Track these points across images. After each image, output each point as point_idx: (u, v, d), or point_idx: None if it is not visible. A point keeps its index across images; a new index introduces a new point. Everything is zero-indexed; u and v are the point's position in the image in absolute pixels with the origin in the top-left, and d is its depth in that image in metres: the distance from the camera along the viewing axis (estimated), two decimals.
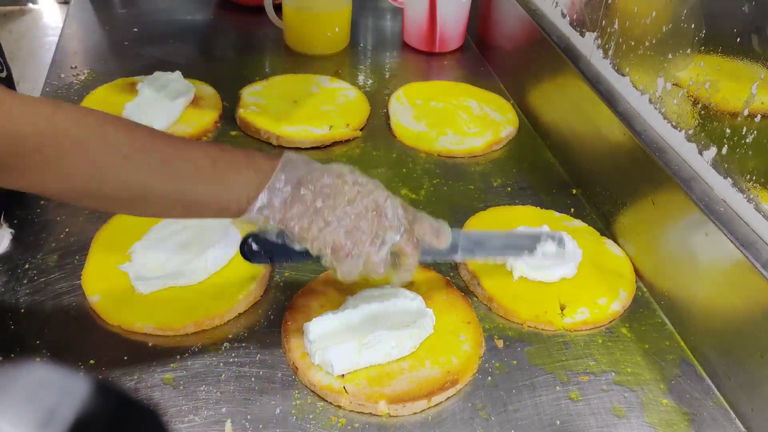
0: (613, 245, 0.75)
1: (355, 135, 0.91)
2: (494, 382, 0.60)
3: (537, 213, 0.78)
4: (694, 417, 0.58)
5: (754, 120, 0.58)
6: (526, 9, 1.01)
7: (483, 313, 0.66)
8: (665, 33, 0.70)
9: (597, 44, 0.84)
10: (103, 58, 1.04)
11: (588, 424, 0.57)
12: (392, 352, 0.58)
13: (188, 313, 0.61)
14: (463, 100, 0.99)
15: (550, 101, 0.94)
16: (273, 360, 0.60)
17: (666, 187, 0.68)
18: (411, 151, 0.90)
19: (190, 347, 0.60)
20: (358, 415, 0.56)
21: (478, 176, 0.86)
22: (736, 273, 0.58)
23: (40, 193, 0.51)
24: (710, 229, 0.61)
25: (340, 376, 0.57)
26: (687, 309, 0.65)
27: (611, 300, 0.67)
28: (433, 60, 1.15)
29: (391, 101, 0.98)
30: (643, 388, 0.60)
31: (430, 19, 1.12)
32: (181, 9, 1.24)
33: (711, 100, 0.63)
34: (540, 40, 0.95)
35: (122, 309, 0.61)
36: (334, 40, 1.12)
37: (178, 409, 0.55)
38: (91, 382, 0.56)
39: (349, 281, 0.54)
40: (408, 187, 0.83)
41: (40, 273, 0.66)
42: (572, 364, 0.62)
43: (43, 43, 2.78)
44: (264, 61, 1.09)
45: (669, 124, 0.70)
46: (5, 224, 0.71)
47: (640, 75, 0.75)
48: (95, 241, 0.68)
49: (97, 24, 1.16)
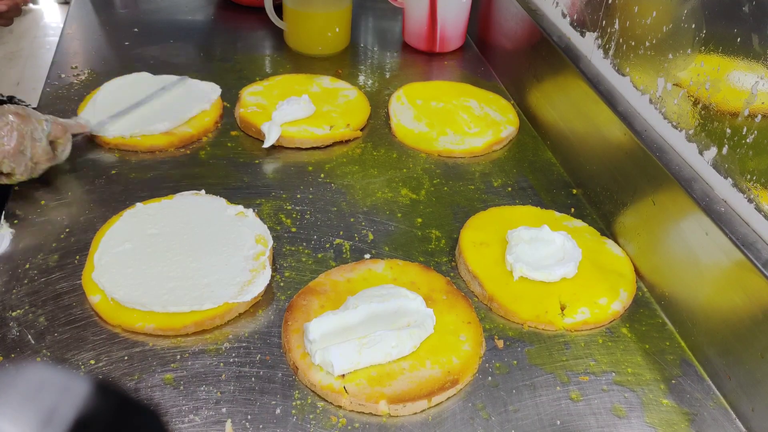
0: (613, 245, 0.75)
1: (356, 135, 0.91)
2: (495, 382, 0.60)
3: (537, 213, 0.78)
4: (694, 417, 0.58)
5: (754, 120, 0.58)
6: (527, 9, 1.01)
7: (483, 313, 0.66)
8: (665, 33, 0.70)
9: (597, 44, 0.84)
10: (103, 58, 1.04)
11: (588, 424, 0.57)
12: (392, 352, 0.58)
13: (188, 313, 0.61)
14: (463, 100, 0.99)
15: (550, 101, 0.94)
16: (273, 360, 0.60)
17: (666, 187, 0.68)
18: (411, 151, 0.90)
19: (190, 347, 0.60)
20: (359, 415, 0.56)
21: (478, 176, 0.86)
22: (736, 273, 0.58)
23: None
24: (711, 229, 0.61)
25: (340, 376, 0.57)
26: (687, 309, 0.65)
27: (612, 300, 0.67)
28: (433, 60, 1.15)
29: (392, 101, 0.98)
30: (643, 388, 0.60)
31: (430, 19, 1.12)
32: (181, 9, 1.24)
33: (711, 100, 0.63)
34: (540, 40, 0.95)
35: (122, 309, 0.61)
36: (334, 40, 1.12)
37: (179, 409, 0.55)
38: (91, 382, 0.56)
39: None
40: (408, 187, 0.83)
41: (41, 273, 0.66)
42: (572, 364, 0.62)
43: (43, 43, 2.79)
44: (264, 61, 1.09)
45: (669, 124, 0.70)
46: (5, 224, 0.71)
47: (641, 75, 0.75)
48: (95, 241, 0.68)
49: (98, 24, 1.16)
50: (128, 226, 0.70)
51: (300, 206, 0.78)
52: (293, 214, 0.77)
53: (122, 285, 0.63)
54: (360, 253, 0.72)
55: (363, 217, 0.77)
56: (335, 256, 0.71)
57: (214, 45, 1.13)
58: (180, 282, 0.64)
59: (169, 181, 0.80)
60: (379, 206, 0.79)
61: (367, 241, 0.74)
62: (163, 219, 0.71)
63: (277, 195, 0.80)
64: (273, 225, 0.75)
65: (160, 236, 0.69)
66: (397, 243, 0.74)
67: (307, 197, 0.80)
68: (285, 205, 0.78)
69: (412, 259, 0.71)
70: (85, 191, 0.77)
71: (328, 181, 0.83)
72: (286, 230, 0.74)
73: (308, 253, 0.71)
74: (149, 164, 0.82)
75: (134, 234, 0.69)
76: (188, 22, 1.20)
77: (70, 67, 1.01)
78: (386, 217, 0.78)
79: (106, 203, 0.75)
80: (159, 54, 1.07)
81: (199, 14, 1.23)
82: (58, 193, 0.76)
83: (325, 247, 0.72)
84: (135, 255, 0.66)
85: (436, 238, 0.75)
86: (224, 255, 0.67)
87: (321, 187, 0.82)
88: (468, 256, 0.70)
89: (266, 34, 1.17)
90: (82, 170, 0.80)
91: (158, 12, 1.22)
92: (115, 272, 0.64)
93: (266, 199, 0.79)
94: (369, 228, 0.76)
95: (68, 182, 0.78)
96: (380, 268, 0.68)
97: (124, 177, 0.80)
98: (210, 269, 0.66)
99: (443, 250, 0.74)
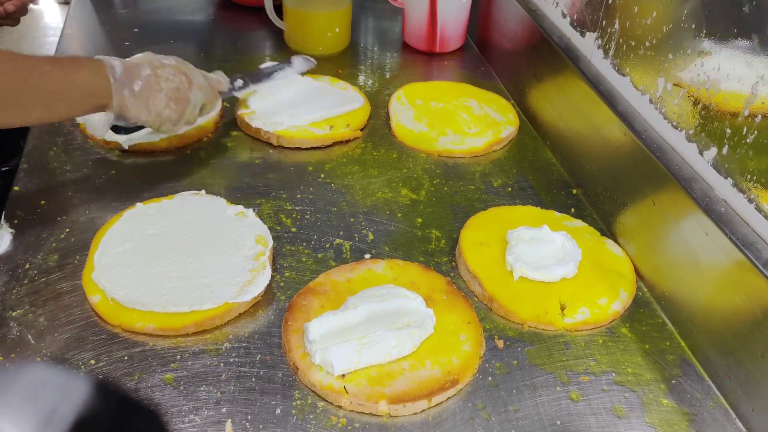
0: (613, 245, 0.75)
1: (356, 135, 0.91)
2: (495, 382, 0.60)
3: (537, 213, 0.78)
4: (694, 417, 0.58)
5: (754, 120, 0.58)
6: (527, 9, 1.01)
7: (483, 313, 0.66)
8: (665, 33, 0.70)
9: (597, 44, 0.84)
10: None
11: (588, 424, 0.57)
12: (392, 352, 0.58)
13: (188, 313, 0.61)
14: (463, 100, 0.99)
15: (550, 101, 0.94)
16: (273, 360, 0.60)
17: (666, 187, 0.68)
18: (411, 151, 0.90)
19: (190, 347, 0.60)
20: (359, 415, 0.56)
21: (478, 176, 0.86)
22: (736, 273, 0.58)
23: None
24: (711, 229, 0.61)
25: (340, 376, 0.57)
26: (687, 309, 0.65)
27: (612, 300, 0.67)
28: (433, 60, 1.15)
29: (392, 101, 0.98)
30: (643, 388, 0.60)
31: (430, 19, 1.12)
32: (181, 9, 1.24)
33: (711, 100, 0.63)
34: (540, 40, 0.95)
35: (122, 309, 0.61)
36: (334, 40, 1.12)
37: (179, 409, 0.55)
38: (91, 382, 0.56)
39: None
40: (408, 187, 0.83)
41: (41, 273, 0.66)
42: (573, 364, 0.62)
43: (43, 43, 2.78)
44: (264, 61, 1.09)
45: (669, 124, 0.70)
46: (5, 224, 0.71)
47: (641, 75, 0.75)
48: (95, 241, 0.68)
49: (98, 24, 1.16)
50: (128, 226, 0.70)
51: (300, 206, 0.78)
52: (293, 214, 0.77)
53: (122, 285, 0.63)
54: (360, 253, 0.72)
55: (363, 217, 0.77)
56: (335, 256, 0.71)
57: (214, 45, 1.13)
58: (180, 282, 0.64)
59: (169, 181, 0.80)
60: (379, 206, 0.79)
61: (367, 241, 0.74)
62: (163, 219, 0.71)
63: (277, 195, 0.80)
64: (273, 225, 0.75)
65: (160, 236, 0.69)
66: (397, 243, 0.74)
67: (307, 197, 0.80)
68: (285, 205, 0.78)
69: (412, 259, 0.71)
70: (85, 191, 0.77)
71: (328, 181, 0.83)
72: (286, 230, 0.74)
73: (308, 253, 0.71)
74: (149, 164, 0.82)
75: (134, 234, 0.69)
76: (188, 22, 1.20)
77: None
78: (386, 217, 0.78)
79: (106, 203, 0.75)
80: (159, 54, 1.06)
81: (199, 14, 1.23)
82: (58, 193, 0.76)
83: (325, 247, 0.72)
84: (135, 255, 0.66)
85: (436, 238, 0.75)
86: (224, 255, 0.67)
87: (321, 187, 0.82)
88: (468, 256, 0.70)
89: (266, 34, 1.17)
90: (82, 170, 0.80)
91: (158, 12, 1.22)
92: (115, 272, 0.64)
93: (266, 199, 0.79)
94: (369, 228, 0.76)
95: (68, 182, 0.78)
96: (380, 268, 0.68)
97: (124, 177, 0.80)
98: (210, 269, 0.66)
99: (443, 250, 0.74)
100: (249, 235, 0.70)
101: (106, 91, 0.68)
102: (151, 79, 0.71)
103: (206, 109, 0.79)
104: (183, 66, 0.76)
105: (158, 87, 0.72)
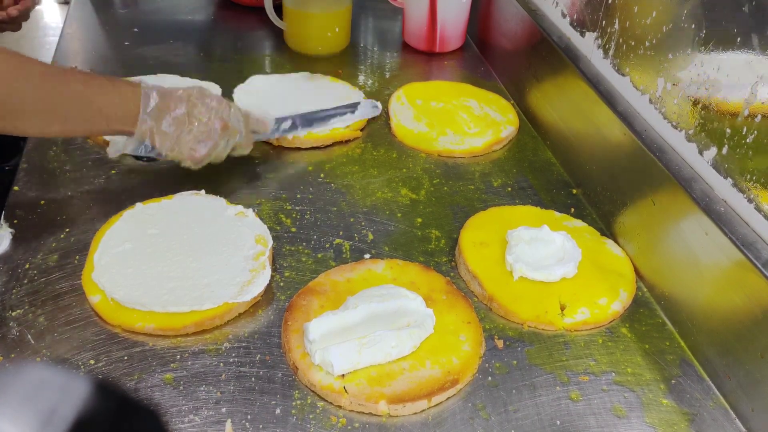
0: (613, 245, 0.75)
1: (355, 135, 0.91)
2: (494, 382, 0.60)
3: (537, 213, 0.78)
4: (694, 417, 0.58)
5: (754, 120, 0.58)
6: (526, 9, 1.01)
7: (483, 313, 0.66)
8: (665, 33, 0.70)
9: (597, 44, 0.84)
10: (103, 59, 1.04)
11: (588, 424, 0.57)
12: (392, 352, 0.58)
13: (188, 313, 0.61)
14: (463, 100, 0.99)
15: (550, 101, 0.94)
16: (273, 360, 0.60)
17: (666, 187, 0.68)
18: (411, 151, 0.90)
19: (190, 347, 0.60)
20: (359, 415, 0.56)
21: (478, 176, 0.86)
22: (736, 273, 0.58)
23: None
24: (710, 229, 0.61)
25: (340, 376, 0.57)
26: (687, 309, 0.65)
27: (611, 300, 0.67)
28: (433, 60, 1.15)
29: (392, 101, 0.98)
30: (643, 388, 0.60)
31: (430, 19, 1.12)
32: (181, 9, 1.24)
33: (711, 100, 0.63)
34: (540, 40, 0.95)
35: (122, 309, 0.61)
36: (334, 40, 1.12)
37: (179, 409, 0.55)
38: (91, 382, 0.56)
39: None
40: (408, 187, 0.83)
41: (41, 273, 0.66)
42: (572, 364, 0.62)
43: (43, 43, 2.78)
44: (264, 61, 1.09)
45: (669, 124, 0.70)
46: (5, 224, 0.71)
47: (641, 75, 0.75)
48: (95, 241, 0.68)
49: (98, 24, 1.16)
50: (128, 226, 0.70)
51: (300, 206, 0.78)
52: (293, 214, 0.77)
53: (122, 285, 0.63)
54: (360, 253, 0.72)
55: (363, 217, 0.77)
56: (335, 256, 0.71)
57: (214, 45, 1.13)
58: (180, 282, 0.64)
59: (169, 181, 0.79)
60: (379, 206, 0.79)
61: (367, 241, 0.74)
62: (163, 219, 0.71)
63: (277, 195, 0.80)
64: (273, 225, 0.75)
65: (160, 236, 0.69)
66: (397, 243, 0.74)
67: (307, 197, 0.80)
68: (285, 205, 0.78)
69: (411, 259, 0.71)
70: (85, 191, 0.77)
71: (328, 181, 0.83)
72: (286, 230, 0.74)
73: (308, 253, 0.71)
74: (149, 164, 0.82)
75: (134, 234, 0.69)
76: (188, 22, 1.20)
77: (71, 67, 1.01)
78: (386, 217, 0.78)
79: (106, 203, 0.75)
80: (159, 54, 1.07)
81: (199, 14, 1.23)
82: (58, 193, 0.76)
83: (324, 247, 0.72)
84: (135, 255, 0.66)
85: (436, 238, 0.75)
86: (224, 255, 0.67)
87: (321, 187, 0.82)
88: (468, 256, 0.70)
89: (266, 34, 1.17)
90: (82, 170, 0.80)
91: (158, 12, 1.22)
92: (115, 272, 0.64)
93: (266, 199, 0.79)
94: (369, 228, 0.76)
95: (68, 182, 0.78)
96: (380, 268, 0.68)
97: (124, 177, 0.80)
98: (210, 269, 0.66)
99: (443, 250, 0.74)
100: (249, 235, 0.70)
101: (132, 119, 0.66)
102: (183, 118, 0.69)
103: (236, 151, 0.77)
104: (223, 108, 0.72)
105: (188, 128, 0.69)
